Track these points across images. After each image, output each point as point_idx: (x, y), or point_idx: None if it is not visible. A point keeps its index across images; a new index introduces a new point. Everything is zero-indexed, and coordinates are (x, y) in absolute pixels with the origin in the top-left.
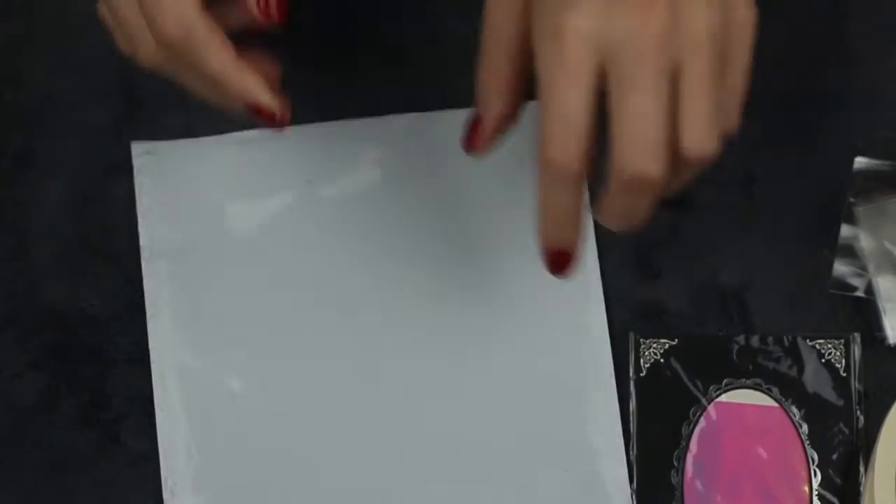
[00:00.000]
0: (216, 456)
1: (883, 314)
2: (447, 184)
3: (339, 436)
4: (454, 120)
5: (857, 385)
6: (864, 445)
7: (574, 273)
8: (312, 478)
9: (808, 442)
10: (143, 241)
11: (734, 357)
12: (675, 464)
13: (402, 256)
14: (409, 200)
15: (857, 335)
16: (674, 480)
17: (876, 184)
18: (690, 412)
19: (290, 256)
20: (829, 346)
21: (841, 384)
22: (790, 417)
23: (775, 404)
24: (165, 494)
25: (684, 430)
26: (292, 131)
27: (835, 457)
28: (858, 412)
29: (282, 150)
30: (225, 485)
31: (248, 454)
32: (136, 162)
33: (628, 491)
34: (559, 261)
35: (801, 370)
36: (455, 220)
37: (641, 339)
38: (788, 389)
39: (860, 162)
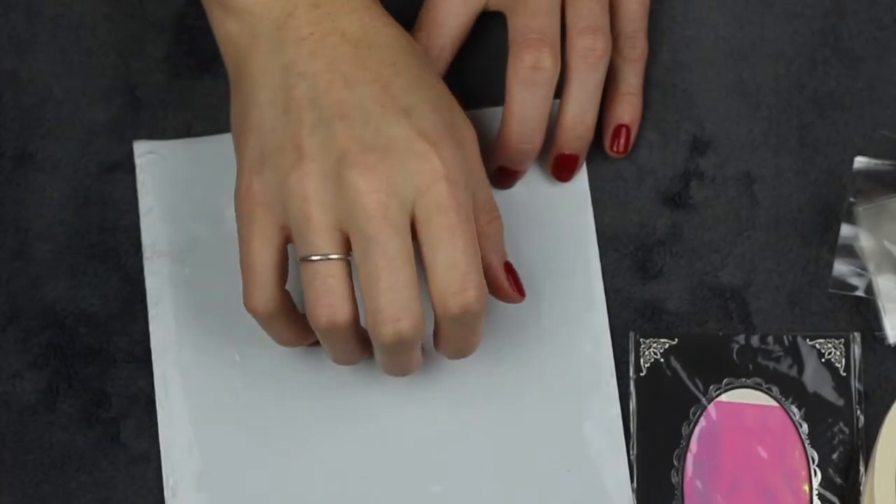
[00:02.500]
0: (218, 454)
1: (883, 314)
2: None
3: (340, 433)
4: None
5: (857, 385)
6: (864, 445)
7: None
8: (314, 476)
9: (808, 441)
10: (144, 241)
11: (734, 357)
12: (676, 463)
13: None
14: None
15: (857, 335)
16: (674, 480)
17: (876, 184)
18: (690, 412)
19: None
20: (829, 345)
21: (841, 384)
22: (790, 417)
23: (775, 404)
24: (167, 493)
25: (684, 430)
26: None
27: (835, 456)
28: (858, 412)
29: None
30: (226, 483)
31: (250, 452)
32: (139, 161)
33: (629, 491)
34: None
35: (801, 370)
36: None
37: (641, 339)
38: (788, 389)
39: (860, 162)
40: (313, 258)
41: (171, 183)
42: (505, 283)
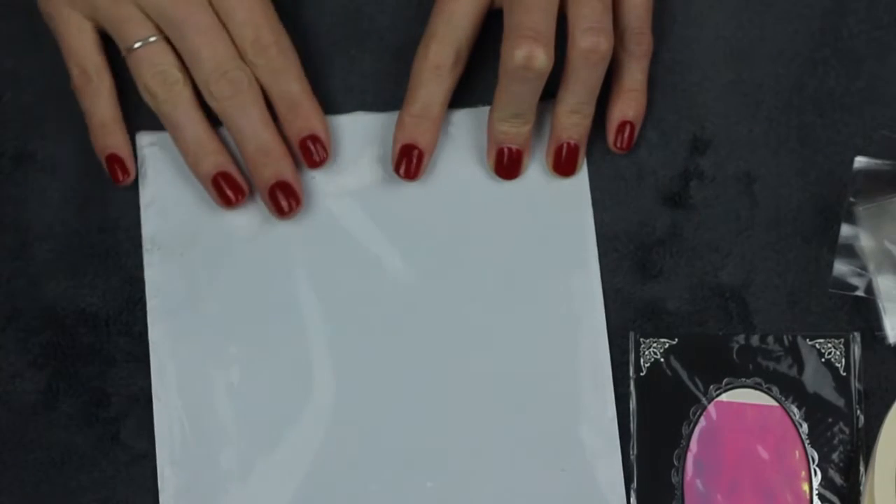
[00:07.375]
0: (213, 446)
1: (883, 314)
2: (449, 180)
3: (337, 430)
4: (456, 118)
5: (857, 385)
6: (864, 445)
7: None
8: (310, 470)
9: (808, 441)
10: (144, 233)
11: (734, 356)
12: (676, 463)
13: (403, 252)
14: (411, 197)
15: (857, 335)
16: (674, 480)
17: (876, 183)
18: (690, 411)
19: (291, 251)
20: (829, 345)
21: (841, 384)
22: (790, 417)
23: (775, 404)
24: (160, 484)
25: (684, 430)
26: None
27: (835, 456)
28: (858, 412)
29: None
30: (222, 477)
31: (245, 446)
32: (141, 153)
33: (622, 491)
34: None
35: (801, 370)
36: (456, 217)
37: (641, 339)
38: (788, 389)
39: (860, 162)
40: (135, 46)
41: (173, 175)
42: None
